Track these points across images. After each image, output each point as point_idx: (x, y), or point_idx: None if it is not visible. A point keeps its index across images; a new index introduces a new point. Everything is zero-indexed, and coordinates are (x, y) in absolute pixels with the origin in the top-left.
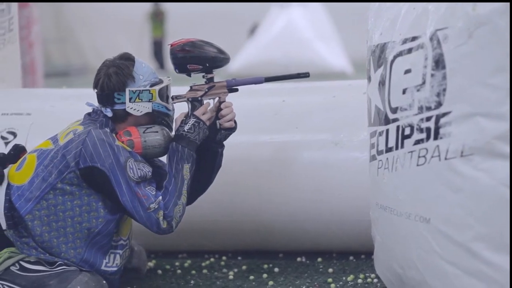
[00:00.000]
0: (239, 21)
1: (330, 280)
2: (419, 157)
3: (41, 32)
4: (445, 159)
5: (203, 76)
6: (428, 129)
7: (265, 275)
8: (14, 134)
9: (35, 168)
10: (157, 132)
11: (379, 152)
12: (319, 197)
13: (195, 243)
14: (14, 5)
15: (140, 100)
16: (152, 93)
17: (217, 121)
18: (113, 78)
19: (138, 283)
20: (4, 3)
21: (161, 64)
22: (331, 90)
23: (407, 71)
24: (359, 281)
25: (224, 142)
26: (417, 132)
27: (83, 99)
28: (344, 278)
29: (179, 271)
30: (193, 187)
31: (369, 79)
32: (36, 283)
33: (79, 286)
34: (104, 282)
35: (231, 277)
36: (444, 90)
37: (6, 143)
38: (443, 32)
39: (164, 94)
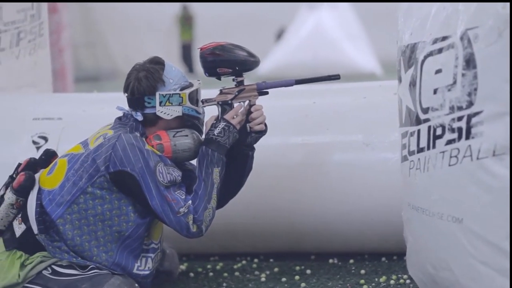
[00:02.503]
0: (267, 24)
1: (362, 281)
2: (451, 157)
3: (71, 37)
4: (477, 158)
5: (233, 79)
6: (459, 129)
7: (297, 277)
8: (45, 139)
9: (65, 173)
10: (187, 136)
11: (411, 153)
12: (350, 198)
13: (227, 245)
14: (44, 10)
15: (170, 104)
16: (182, 97)
17: (247, 124)
18: (143, 82)
19: (170, 286)
20: (34, 9)
21: (190, 67)
22: (361, 91)
23: (438, 71)
24: (392, 282)
25: (255, 145)
26: (448, 132)
27: (114, 103)
28: (376, 279)
29: (211, 273)
30: (224, 190)
31: (400, 79)
32: (68, 287)
33: None
34: (137, 285)
35: (263, 279)
36: (475, 89)
37: (38, 148)
38: (474, 31)
39: (194, 98)
